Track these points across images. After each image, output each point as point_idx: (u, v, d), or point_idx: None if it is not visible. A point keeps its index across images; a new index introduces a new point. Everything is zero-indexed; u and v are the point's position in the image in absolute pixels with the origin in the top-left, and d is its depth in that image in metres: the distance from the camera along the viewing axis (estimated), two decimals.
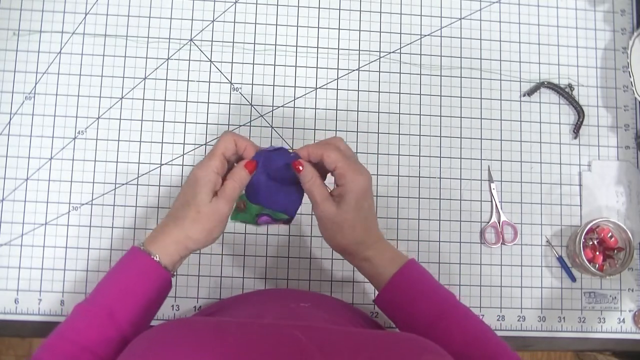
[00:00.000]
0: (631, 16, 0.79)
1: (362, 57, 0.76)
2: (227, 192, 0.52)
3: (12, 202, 0.70)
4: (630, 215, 0.75)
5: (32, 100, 0.72)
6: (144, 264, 0.52)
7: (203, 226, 0.52)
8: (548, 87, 0.76)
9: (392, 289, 0.54)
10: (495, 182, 0.74)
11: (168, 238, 0.52)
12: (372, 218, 0.56)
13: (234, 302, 0.66)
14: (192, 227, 0.52)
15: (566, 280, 0.74)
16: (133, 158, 0.72)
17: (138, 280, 0.51)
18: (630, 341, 0.73)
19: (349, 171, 0.52)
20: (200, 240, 0.53)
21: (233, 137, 0.54)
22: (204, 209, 0.51)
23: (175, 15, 0.75)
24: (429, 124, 0.75)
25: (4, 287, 0.69)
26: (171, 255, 0.52)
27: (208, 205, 0.52)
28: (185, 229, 0.52)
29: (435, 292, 0.54)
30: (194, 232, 0.52)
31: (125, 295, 0.50)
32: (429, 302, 0.53)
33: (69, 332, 0.49)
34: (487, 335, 0.52)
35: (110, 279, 0.52)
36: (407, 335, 0.46)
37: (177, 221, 0.53)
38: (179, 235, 0.52)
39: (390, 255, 0.56)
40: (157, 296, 0.52)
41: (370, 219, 0.55)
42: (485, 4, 0.78)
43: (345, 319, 0.59)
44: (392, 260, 0.55)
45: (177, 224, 0.52)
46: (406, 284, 0.54)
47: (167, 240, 0.52)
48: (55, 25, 0.73)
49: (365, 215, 0.54)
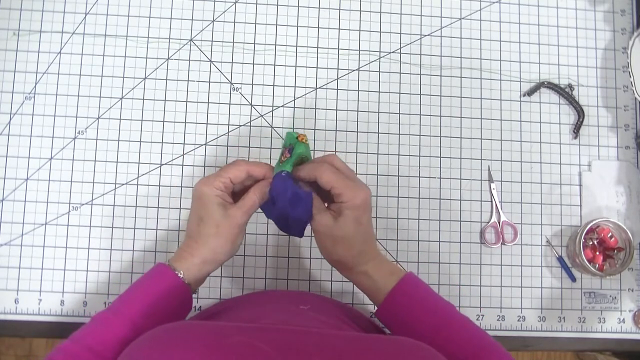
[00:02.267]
0: (631, 16, 0.79)
1: (362, 57, 0.76)
2: (246, 203, 0.53)
3: (12, 202, 0.70)
4: (630, 215, 0.75)
5: (32, 100, 0.72)
6: (170, 281, 0.52)
7: (226, 239, 0.53)
8: (548, 87, 0.76)
9: (391, 302, 0.54)
10: (495, 182, 0.74)
11: (196, 258, 0.53)
12: (370, 233, 0.56)
13: (234, 303, 0.66)
14: (216, 242, 0.52)
15: (566, 280, 0.74)
16: (133, 158, 0.72)
17: (162, 297, 0.51)
18: (630, 341, 0.73)
19: (345, 189, 0.52)
20: (226, 252, 0.54)
21: (247, 168, 0.54)
22: (222, 222, 0.52)
23: (175, 15, 0.75)
24: (429, 124, 0.75)
25: (4, 287, 0.69)
26: (195, 274, 0.53)
27: (225, 218, 0.52)
28: (209, 246, 0.52)
29: (434, 304, 0.54)
30: (218, 246, 0.53)
31: (149, 310, 0.50)
32: (428, 314, 0.53)
33: (88, 339, 0.48)
34: (486, 345, 0.52)
35: (136, 291, 0.52)
36: (405, 340, 0.45)
37: (199, 239, 0.53)
38: (207, 254, 0.53)
39: (388, 269, 0.55)
40: (178, 313, 0.53)
41: (368, 234, 0.55)
42: (485, 4, 0.78)
43: (344, 321, 0.59)
44: (390, 274, 0.55)
45: (200, 242, 0.53)
46: (405, 297, 0.54)
47: (194, 260, 0.53)
48: (55, 25, 0.73)
49: (364, 230, 0.54)
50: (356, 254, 0.54)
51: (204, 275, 0.54)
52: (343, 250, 0.54)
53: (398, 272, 0.55)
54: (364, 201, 0.53)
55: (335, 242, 0.54)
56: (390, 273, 0.55)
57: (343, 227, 0.53)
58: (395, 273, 0.55)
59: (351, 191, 0.52)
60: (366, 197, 0.53)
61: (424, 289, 0.55)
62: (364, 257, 0.55)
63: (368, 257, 0.55)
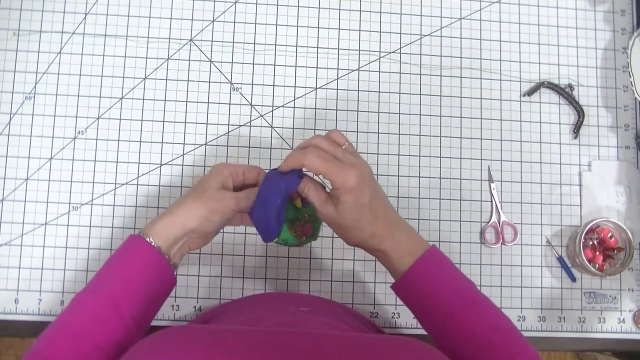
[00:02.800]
0: (631, 16, 0.79)
1: (362, 57, 0.76)
2: (239, 195, 0.54)
3: (12, 202, 0.70)
4: (630, 215, 0.75)
5: (32, 100, 0.72)
6: (138, 247, 0.51)
7: (204, 205, 0.52)
8: (548, 87, 0.76)
9: (406, 282, 0.52)
10: (495, 182, 0.74)
11: (166, 218, 0.52)
12: (381, 208, 0.52)
13: (234, 305, 0.66)
14: (192, 204, 0.52)
15: (566, 280, 0.74)
16: (133, 158, 0.72)
17: (137, 267, 0.50)
18: (630, 341, 0.73)
19: (334, 172, 0.49)
20: (196, 220, 0.51)
21: (259, 172, 0.57)
22: (211, 191, 0.52)
23: (175, 15, 0.75)
24: (429, 124, 0.75)
25: (4, 287, 0.69)
26: (166, 236, 0.51)
27: (216, 190, 0.53)
28: (185, 205, 0.52)
29: (452, 283, 0.52)
30: (192, 209, 0.52)
31: (127, 284, 0.50)
32: (445, 294, 0.51)
33: (71, 324, 0.47)
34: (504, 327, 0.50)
35: (110, 266, 0.52)
36: (405, 340, 0.45)
37: (179, 201, 0.54)
38: (177, 211, 0.52)
39: (406, 246, 0.52)
40: (157, 285, 0.52)
41: (375, 213, 0.51)
42: (485, 4, 0.78)
43: (345, 322, 0.59)
44: (408, 254, 0.52)
45: (178, 203, 0.53)
46: (421, 278, 0.51)
47: (164, 219, 0.52)
48: (55, 25, 0.73)
49: (369, 210, 0.51)
50: (368, 236, 0.52)
51: (172, 239, 0.52)
52: (353, 236, 0.52)
53: (417, 249, 0.52)
54: (358, 181, 0.49)
55: (343, 230, 0.53)
56: (408, 253, 0.52)
57: (344, 215, 0.51)
58: (414, 250, 0.52)
59: (340, 175, 0.49)
60: (359, 175, 0.49)
61: (443, 267, 0.53)
62: (377, 238, 0.52)
63: (383, 237, 0.52)
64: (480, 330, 0.49)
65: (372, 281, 0.71)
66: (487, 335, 0.49)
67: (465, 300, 0.51)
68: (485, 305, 0.52)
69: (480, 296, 0.52)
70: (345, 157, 0.51)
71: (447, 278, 0.52)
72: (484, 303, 0.52)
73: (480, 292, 0.52)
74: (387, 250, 0.52)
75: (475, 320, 0.50)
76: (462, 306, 0.50)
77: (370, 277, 0.71)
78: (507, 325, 0.51)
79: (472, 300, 0.51)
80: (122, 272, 0.51)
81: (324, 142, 0.51)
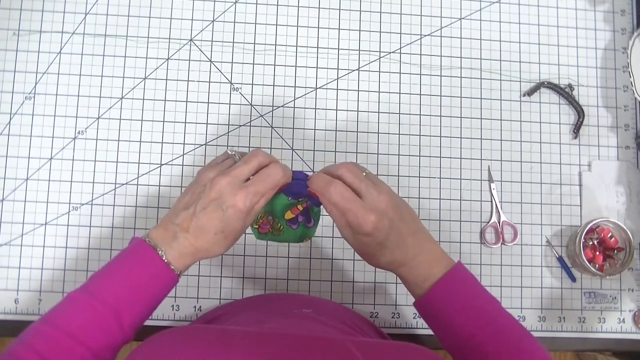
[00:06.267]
0: (631, 16, 0.79)
1: (362, 57, 0.76)
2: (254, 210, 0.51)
3: (12, 202, 0.70)
4: (630, 215, 0.75)
5: (32, 100, 0.72)
6: (150, 261, 0.49)
7: (228, 246, 0.51)
8: (548, 87, 0.76)
9: (420, 306, 0.52)
10: (495, 182, 0.74)
11: (184, 244, 0.50)
12: (402, 238, 0.51)
13: (236, 306, 0.66)
14: (216, 247, 0.50)
15: (566, 280, 0.74)
16: (133, 158, 0.72)
17: (147, 281, 0.49)
18: (630, 341, 0.73)
19: (352, 215, 0.49)
20: (215, 254, 0.51)
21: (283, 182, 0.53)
22: (239, 234, 0.51)
23: (175, 15, 0.74)
24: (429, 124, 0.75)
25: (4, 287, 0.69)
26: (183, 262, 0.50)
27: (242, 228, 0.51)
28: (208, 244, 0.50)
29: (470, 307, 0.50)
30: (215, 251, 0.51)
31: (133, 294, 0.48)
32: (461, 317, 0.50)
33: (69, 326, 0.46)
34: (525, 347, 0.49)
35: (115, 271, 0.49)
36: (409, 346, 0.45)
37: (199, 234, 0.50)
38: (201, 243, 0.50)
39: (424, 271, 0.51)
40: (162, 297, 0.51)
41: (399, 241, 0.51)
42: (485, 4, 0.78)
43: (346, 324, 0.59)
44: (424, 278, 0.51)
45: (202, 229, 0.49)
46: (437, 302, 0.51)
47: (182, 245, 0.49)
48: (55, 25, 0.73)
49: (387, 244, 0.50)
50: (384, 264, 0.52)
51: (187, 264, 0.51)
52: (369, 260, 0.53)
53: (434, 275, 0.51)
54: (374, 226, 0.49)
55: (359, 253, 0.53)
56: (424, 279, 0.51)
57: (359, 246, 0.51)
58: (430, 277, 0.51)
59: (359, 218, 0.48)
60: (378, 218, 0.49)
61: (462, 290, 0.51)
62: (394, 264, 0.52)
63: (400, 264, 0.52)
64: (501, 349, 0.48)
65: (372, 281, 0.71)
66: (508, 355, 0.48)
67: (481, 322, 0.49)
68: (504, 325, 0.50)
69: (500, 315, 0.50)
70: (369, 193, 0.50)
71: (466, 299, 0.51)
72: (504, 321, 0.50)
73: (503, 310, 0.51)
74: (404, 275, 0.52)
75: (496, 340, 0.49)
76: (480, 326, 0.49)
77: (370, 277, 0.71)
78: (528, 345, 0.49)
79: (490, 320, 0.50)
80: (130, 281, 0.48)
81: (348, 175, 0.51)
